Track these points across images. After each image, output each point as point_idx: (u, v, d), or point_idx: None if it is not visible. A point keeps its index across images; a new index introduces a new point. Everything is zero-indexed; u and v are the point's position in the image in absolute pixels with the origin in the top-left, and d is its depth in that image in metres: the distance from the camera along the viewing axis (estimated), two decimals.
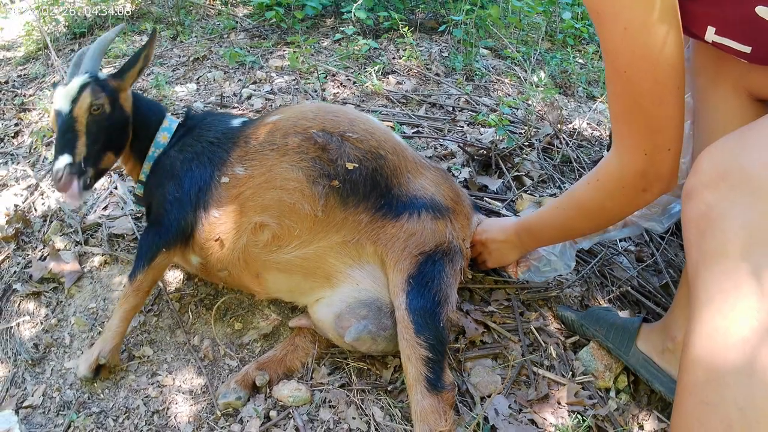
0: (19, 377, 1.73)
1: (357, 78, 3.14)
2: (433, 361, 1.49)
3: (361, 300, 1.65)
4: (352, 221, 1.66)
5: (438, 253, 1.65)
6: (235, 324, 1.87)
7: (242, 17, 4.16)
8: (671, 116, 1.20)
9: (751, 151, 0.99)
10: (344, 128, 1.73)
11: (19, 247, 2.15)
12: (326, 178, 1.65)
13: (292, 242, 1.67)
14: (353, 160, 1.68)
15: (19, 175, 2.57)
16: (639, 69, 1.14)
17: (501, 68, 3.59)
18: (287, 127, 1.73)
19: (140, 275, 1.69)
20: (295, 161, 1.67)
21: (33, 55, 3.99)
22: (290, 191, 1.65)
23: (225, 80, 3.22)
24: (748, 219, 0.96)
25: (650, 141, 1.23)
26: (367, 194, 1.67)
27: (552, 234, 1.67)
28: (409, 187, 1.73)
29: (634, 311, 1.98)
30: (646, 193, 1.32)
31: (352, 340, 1.59)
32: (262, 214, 1.66)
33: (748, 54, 1.20)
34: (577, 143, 2.74)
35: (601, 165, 1.39)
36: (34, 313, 1.91)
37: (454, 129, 2.79)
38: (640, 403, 1.69)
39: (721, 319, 0.95)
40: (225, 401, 1.59)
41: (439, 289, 1.59)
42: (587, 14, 4.38)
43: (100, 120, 1.74)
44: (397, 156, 1.76)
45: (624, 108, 1.23)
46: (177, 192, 1.72)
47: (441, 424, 1.43)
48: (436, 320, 1.54)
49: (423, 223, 1.67)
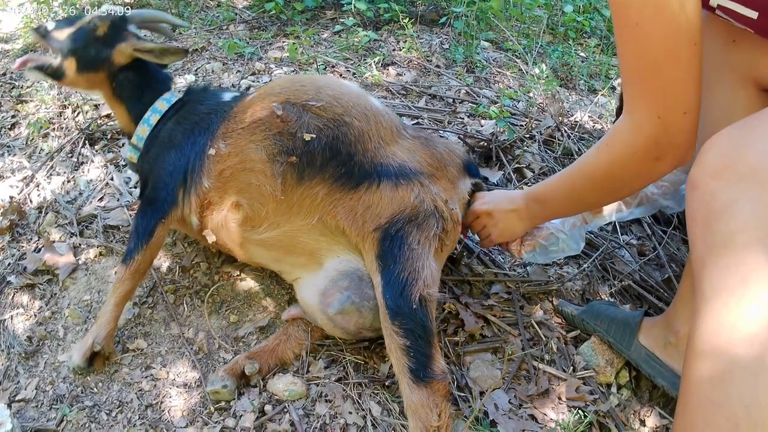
0: (12, 370, 1.71)
1: (357, 69, 3.11)
2: (413, 348, 1.40)
3: (342, 271, 1.61)
4: (308, 196, 1.62)
5: (395, 224, 1.55)
6: (230, 316, 1.84)
7: (241, 9, 4.12)
8: (686, 75, 1.12)
9: (756, 141, 0.97)
10: (308, 97, 1.68)
11: (14, 238, 2.13)
12: (285, 154, 1.63)
13: (262, 224, 1.66)
14: (312, 131, 1.62)
15: (15, 167, 2.54)
16: (651, 20, 1.07)
17: (502, 60, 3.55)
18: (257, 105, 1.72)
19: (138, 255, 1.67)
20: (260, 140, 1.66)
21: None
22: (256, 173, 1.64)
23: (224, 71, 3.19)
24: (755, 210, 0.93)
25: (663, 102, 1.14)
26: (325, 164, 1.61)
27: (561, 204, 1.56)
28: (376, 154, 1.65)
29: (636, 305, 1.95)
30: (659, 163, 1.22)
31: (336, 313, 1.54)
32: (237, 195, 1.66)
33: (754, 21, 1.15)
34: (578, 136, 2.71)
35: (612, 130, 1.30)
36: (27, 305, 1.89)
37: (455, 121, 2.76)
38: (641, 399, 1.67)
39: (727, 314, 0.92)
40: (211, 389, 1.57)
41: (404, 266, 1.49)
42: (589, 7, 4.35)
43: (88, 33, 1.87)
44: (367, 122, 1.68)
45: (635, 66, 1.15)
46: (177, 160, 1.73)
47: (432, 419, 1.35)
48: (408, 302, 1.44)
49: (381, 192, 1.59)
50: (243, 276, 1.97)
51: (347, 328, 1.60)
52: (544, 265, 2.05)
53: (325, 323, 1.64)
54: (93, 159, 2.50)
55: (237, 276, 1.97)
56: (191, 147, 1.75)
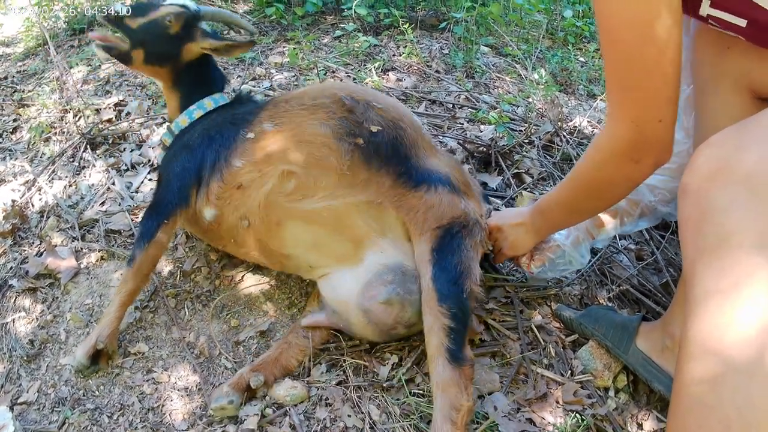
0: (14, 373, 1.72)
1: (357, 75, 3.12)
2: (455, 331, 1.49)
3: (387, 265, 1.66)
4: (375, 182, 1.69)
5: (455, 226, 1.67)
6: (231, 321, 1.85)
7: (242, 14, 4.14)
8: (663, 87, 1.18)
9: (749, 145, 0.97)
10: (369, 98, 1.79)
11: (16, 242, 2.14)
12: (352, 136, 1.69)
13: (318, 193, 1.67)
14: (377, 125, 1.72)
15: (17, 171, 2.55)
16: (632, 37, 1.13)
17: (501, 66, 3.57)
18: (316, 92, 1.80)
19: (139, 256, 1.70)
20: (323, 119, 1.72)
21: (32, 51, 3.97)
22: (318, 145, 1.69)
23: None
24: (748, 213, 0.93)
25: (640, 111, 1.22)
26: (389, 159, 1.71)
27: (560, 214, 1.64)
28: (426, 162, 1.77)
29: (634, 310, 1.97)
30: (638, 165, 1.30)
31: (381, 302, 1.60)
32: (289, 164, 1.68)
33: (743, 29, 1.18)
34: (577, 141, 2.73)
35: (596, 137, 1.38)
36: (29, 309, 1.90)
37: (454, 126, 2.77)
38: (639, 403, 1.68)
39: (721, 316, 0.92)
40: (217, 405, 1.54)
41: (460, 260, 1.61)
42: (588, 12, 4.37)
43: (161, 29, 1.87)
44: (416, 132, 1.81)
45: (616, 76, 1.22)
46: (187, 162, 1.77)
47: (462, 398, 1.42)
48: (459, 290, 1.55)
49: (440, 196, 1.70)
50: (244, 280, 1.98)
51: (385, 322, 1.63)
52: None
53: (359, 320, 1.65)
54: (94, 163, 2.51)
55: (238, 280, 1.98)
56: (210, 144, 1.77)
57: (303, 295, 1.94)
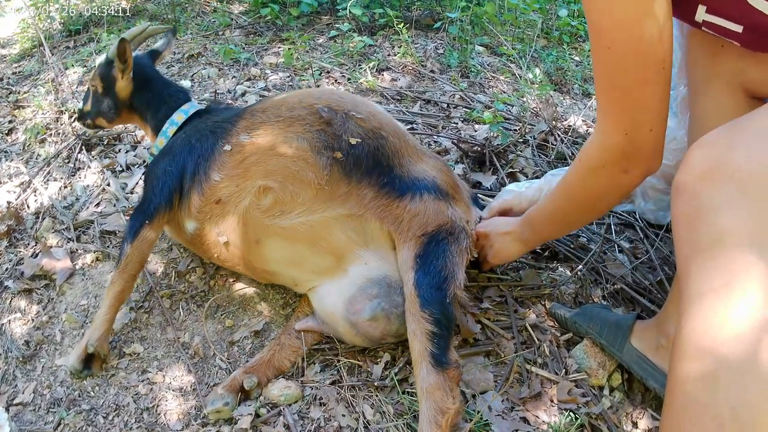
0: (9, 374, 1.72)
1: (351, 75, 3.13)
2: (438, 336, 1.48)
3: (371, 278, 1.64)
4: (356, 195, 1.67)
5: (441, 233, 1.65)
6: (225, 321, 1.86)
7: (237, 14, 4.14)
8: (653, 95, 1.18)
9: (742, 144, 0.97)
10: (348, 108, 1.75)
11: (11, 243, 2.14)
12: (330, 150, 1.67)
13: (295, 208, 1.66)
14: (356, 137, 1.69)
15: (12, 172, 2.56)
16: (623, 45, 1.13)
17: (496, 65, 3.57)
18: (293, 103, 1.77)
19: (124, 255, 1.70)
20: (300, 132, 1.70)
21: (28, 52, 3.98)
22: (295, 159, 1.67)
23: (219, 77, 3.21)
24: (741, 212, 0.93)
25: (631, 120, 1.22)
26: (370, 170, 1.68)
27: (547, 225, 1.63)
28: (411, 170, 1.74)
29: (629, 308, 1.97)
30: (628, 174, 1.30)
31: (366, 320, 1.58)
32: (266, 179, 1.67)
33: (739, 35, 1.18)
34: (572, 140, 2.73)
35: (584, 146, 1.37)
36: (25, 310, 1.90)
37: (449, 126, 2.78)
38: (634, 401, 1.68)
39: (714, 315, 0.93)
40: (213, 408, 1.54)
41: (444, 265, 1.59)
42: (583, 12, 4.37)
43: (95, 96, 2.16)
44: (398, 139, 1.77)
45: (606, 85, 1.22)
46: (169, 166, 1.78)
47: (448, 402, 1.42)
48: (443, 295, 1.55)
49: (426, 204, 1.68)
50: (238, 281, 1.98)
51: (372, 336, 1.63)
52: (538, 269, 2.07)
53: (347, 331, 1.65)
54: (90, 165, 2.51)
55: (232, 281, 1.98)
56: (190, 152, 1.78)
57: (297, 296, 1.94)
